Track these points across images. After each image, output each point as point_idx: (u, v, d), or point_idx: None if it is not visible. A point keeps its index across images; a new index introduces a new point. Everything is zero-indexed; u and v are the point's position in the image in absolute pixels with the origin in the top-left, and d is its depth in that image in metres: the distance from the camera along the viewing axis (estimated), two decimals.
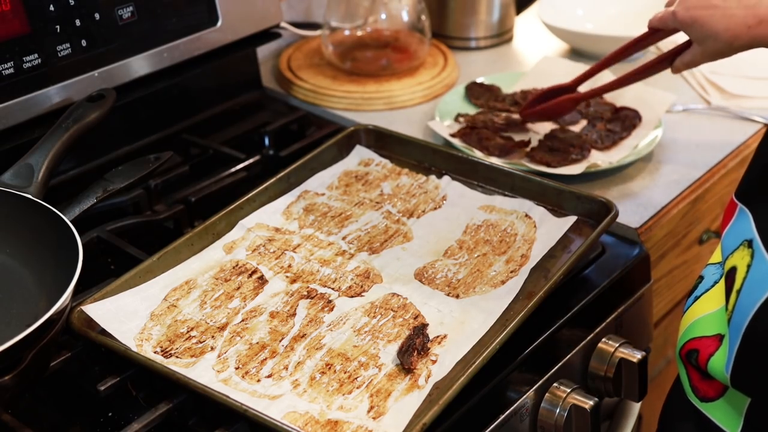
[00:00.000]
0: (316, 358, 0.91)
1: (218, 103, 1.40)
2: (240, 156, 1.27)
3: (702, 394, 0.94)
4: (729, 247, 0.93)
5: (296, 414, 0.85)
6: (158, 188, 1.19)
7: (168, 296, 0.99)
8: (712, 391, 0.93)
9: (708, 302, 0.95)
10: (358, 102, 1.43)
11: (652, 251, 1.16)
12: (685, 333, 0.96)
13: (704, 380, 0.94)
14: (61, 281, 0.87)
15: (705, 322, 0.94)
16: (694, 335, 0.94)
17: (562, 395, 0.98)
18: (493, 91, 1.42)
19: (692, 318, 0.96)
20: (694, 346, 0.94)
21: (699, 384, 0.94)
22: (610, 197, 1.11)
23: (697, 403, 0.94)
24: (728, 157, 1.30)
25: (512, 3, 1.64)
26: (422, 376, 0.89)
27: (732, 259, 0.92)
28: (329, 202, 1.14)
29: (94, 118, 1.09)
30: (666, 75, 1.20)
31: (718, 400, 0.93)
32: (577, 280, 1.06)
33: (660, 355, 1.33)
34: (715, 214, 1.33)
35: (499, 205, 1.12)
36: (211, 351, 0.92)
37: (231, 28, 1.33)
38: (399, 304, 0.98)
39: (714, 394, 0.93)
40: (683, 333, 0.96)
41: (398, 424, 0.83)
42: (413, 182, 1.17)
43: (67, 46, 1.16)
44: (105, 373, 0.92)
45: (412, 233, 1.09)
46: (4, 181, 1.00)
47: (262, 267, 1.03)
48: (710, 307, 0.95)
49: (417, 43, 1.49)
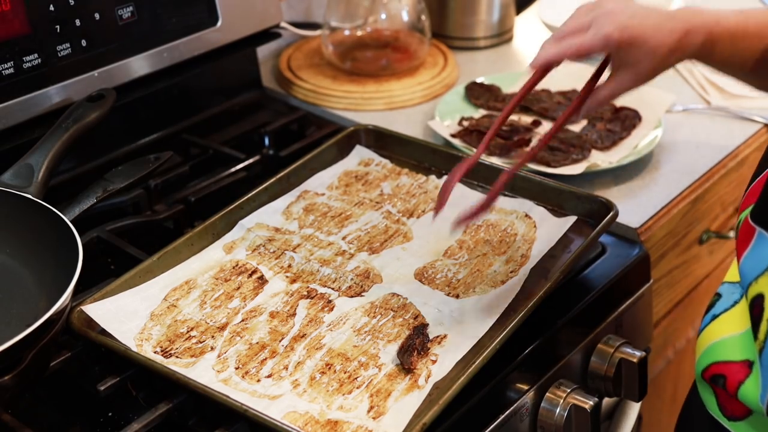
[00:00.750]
0: (316, 358, 0.91)
1: (218, 103, 1.40)
2: (240, 156, 1.27)
3: (730, 413, 0.91)
4: (750, 273, 0.88)
5: (296, 414, 0.85)
6: (158, 188, 1.19)
7: (168, 296, 0.99)
8: (741, 411, 0.90)
9: (729, 323, 0.92)
10: (358, 102, 1.43)
11: (652, 251, 1.16)
12: (707, 354, 0.92)
13: (732, 398, 0.91)
14: (61, 281, 0.87)
15: (729, 345, 0.91)
16: (718, 359, 0.91)
17: (562, 395, 0.98)
18: (493, 91, 1.42)
19: (712, 338, 0.93)
20: (719, 371, 0.90)
21: (727, 403, 0.92)
22: (610, 197, 1.10)
23: (724, 422, 0.92)
24: (728, 158, 1.29)
25: (512, 3, 1.64)
26: (422, 376, 0.89)
27: (757, 286, 0.87)
28: (329, 202, 1.14)
29: (94, 118, 1.09)
30: (666, 74, 1.19)
31: (747, 418, 0.90)
32: (577, 280, 1.06)
33: (660, 355, 1.33)
34: (715, 214, 1.33)
35: (499, 205, 1.12)
36: (211, 351, 0.92)
37: (231, 28, 1.33)
38: (399, 304, 0.98)
39: (742, 414, 0.90)
40: (704, 353, 0.93)
41: (398, 424, 0.83)
42: (413, 182, 1.17)
43: (67, 46, 1.16)
44: (105, 373, 0.92)
45: (412, 233, 1.09)
46: (4, 181, 1.00)
47: (262, 267, 1.03)
48: (732, 328, 0.91)
49: (417, 43, 1.49)
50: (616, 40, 0.93)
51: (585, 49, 0.94)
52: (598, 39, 0.94)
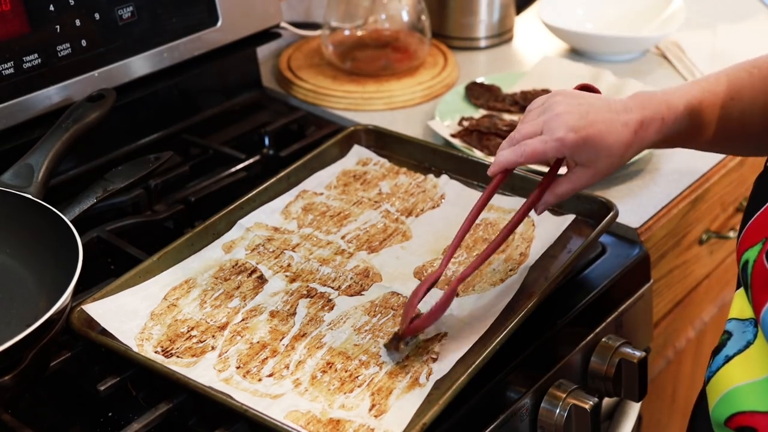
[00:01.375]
0: (317, 357, 0.91)
1: (218, 103, 1.40)
2: (240, 156, 1.27)
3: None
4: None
5: (298, 413, 0.85)
6: (158, 188, 1.19)
7: (168, 295, 0.99)
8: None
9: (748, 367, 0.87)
10: (358, 102, 1.43)
11: (652, 251, 1.16)
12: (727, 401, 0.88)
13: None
14: (61, 281, 0.87)
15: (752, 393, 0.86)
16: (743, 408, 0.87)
17: (562, 395, 0.98)
18: (493, 91, 1.42)
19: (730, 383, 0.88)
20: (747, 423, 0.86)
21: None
22: (610, 197, 1.11)
23: None
24: (728, 157, 1.29)
25: (512, 3, 1.64)
26: (423, 374, 0.89)
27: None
28: (328, 202, 1.14)
29: (94, 118, 1.09)
30: (666, 74, 1.19)
31: None
32: (577, 280, 1.06)
33: (660, 355, 1.33)
34: (715, 214, 1.33)
35: (497, 204, 1.12)
36: (211, 350, 0.92)
37: (231, 28, 1.33)
38: (399, 303, 0.98)
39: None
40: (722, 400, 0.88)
41: (400, 422, 0.83)
42: (411, 181, 1.17)
43: (67, 46, 1.16)
44: (105, 373, 0.92)
45: (411, 232, 1.09)
46: (4, 181, 1.00)
47: (261, 266, 1.03)
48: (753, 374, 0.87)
49: (417, 43, 1.49)
50: (570, 145, 0.91)
51: (539, 155, 0.93)
52: (551, 146, 0.92)
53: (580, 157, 0.93)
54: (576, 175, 0.95)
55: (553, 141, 0.92)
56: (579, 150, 0.92)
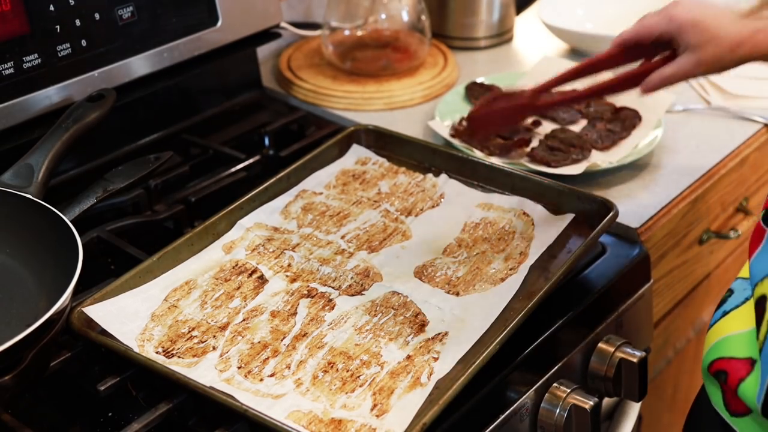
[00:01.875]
0: (318, 357, 0.91)
1: (218, 103, 1.40)
2: (240, 156, 1.27)
3: (733, 409, 0.92)
4: (759, 273, 0.90)
5: (300, 413, 0.85)
6: (158, 188, 1.19)
7: (168, 297, 0.99)
8: (743, 408, 0.91)
9: (737, 320, 0.92)
10: (358, 102, 1.43)
11: (652, 251, 1.16)
12: (713, 349, 0.93)
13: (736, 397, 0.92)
14: (61, 281, 0.87)
15: (734, 342, 0.91)
16: (722, 354, 0.91)
17: (562, 395, 0.98)
18: (493, 91, 1.42)
19: (720, 334, 0.93)
20: (722, 367, 0.91)
21: (731, 399, 0.92)
22: (610, 197, 1.11)
23: (727, 417, 0.92)
24: (728, 158, 1.30)
25: (512, 3, 1.64)
26: (424, 373, 0.89)
27: (762, 287, 0.88)
28: (327, 201, 1.14)
29: (94, 118, 1.09)
30: None
31: (750, 415, 0.91)
32: (577, 280, 1.06)
33: (660, 355, 1.33)
34: (715, 214, 1.33)
35: (496, 203, 1.12)
36: (213, 351, 0.92)
37: (231, 28, 1.33)
38: (399, 302, 0.98)
39: (745, 410, 0.91)
40: (710, 348, 0.93)
41: (402, 421, 0.83)
42: (411, 181, 1.17)
43: (67, 46, 1.16)
44: (105, 373, 0.92)
45: (411, 231, 1.09)
46: (4, 181, 1.00)
47: (261, 266, 1.03)
48: (739, 326, 0.92)
49: (417, 43, 1.49)
50: (679, 20, 0.96)
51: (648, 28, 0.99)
52: (662, 17, 0.98)
53: (687, 37, 0.96)
54: (681, 60, 0.98)
55: (665, 14, 0.98)
56: (686, 29, 0.96)
